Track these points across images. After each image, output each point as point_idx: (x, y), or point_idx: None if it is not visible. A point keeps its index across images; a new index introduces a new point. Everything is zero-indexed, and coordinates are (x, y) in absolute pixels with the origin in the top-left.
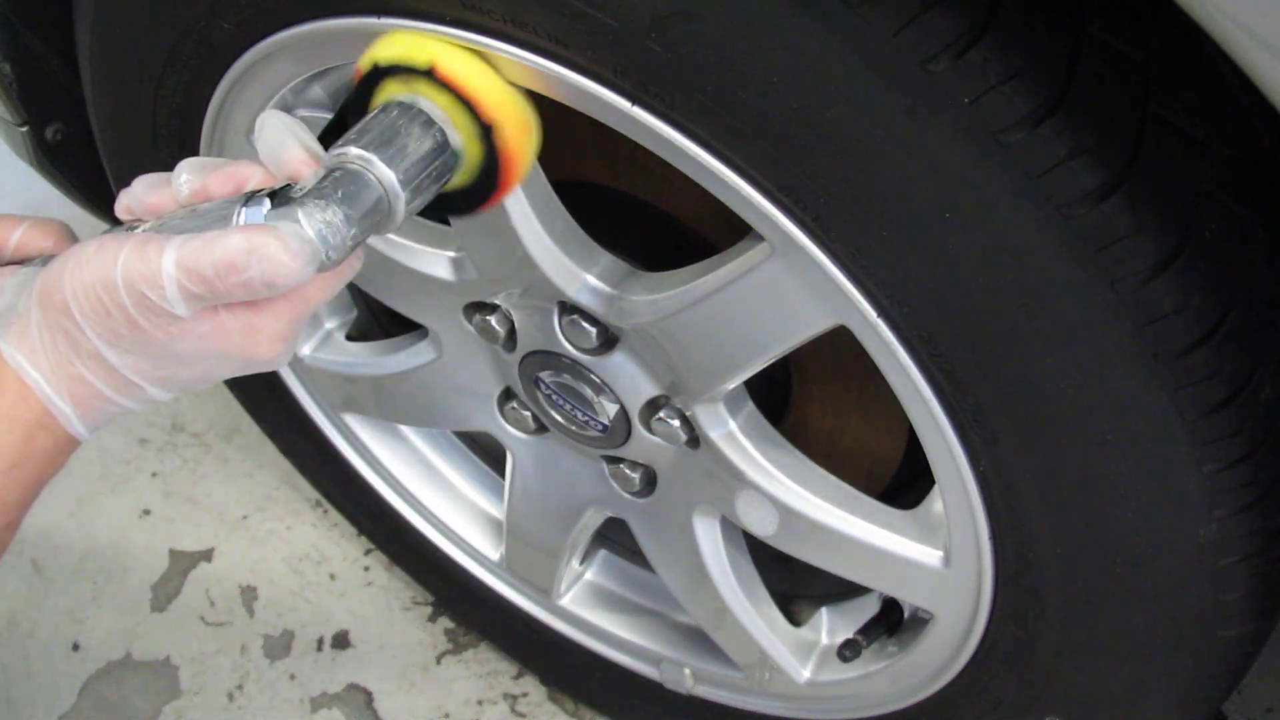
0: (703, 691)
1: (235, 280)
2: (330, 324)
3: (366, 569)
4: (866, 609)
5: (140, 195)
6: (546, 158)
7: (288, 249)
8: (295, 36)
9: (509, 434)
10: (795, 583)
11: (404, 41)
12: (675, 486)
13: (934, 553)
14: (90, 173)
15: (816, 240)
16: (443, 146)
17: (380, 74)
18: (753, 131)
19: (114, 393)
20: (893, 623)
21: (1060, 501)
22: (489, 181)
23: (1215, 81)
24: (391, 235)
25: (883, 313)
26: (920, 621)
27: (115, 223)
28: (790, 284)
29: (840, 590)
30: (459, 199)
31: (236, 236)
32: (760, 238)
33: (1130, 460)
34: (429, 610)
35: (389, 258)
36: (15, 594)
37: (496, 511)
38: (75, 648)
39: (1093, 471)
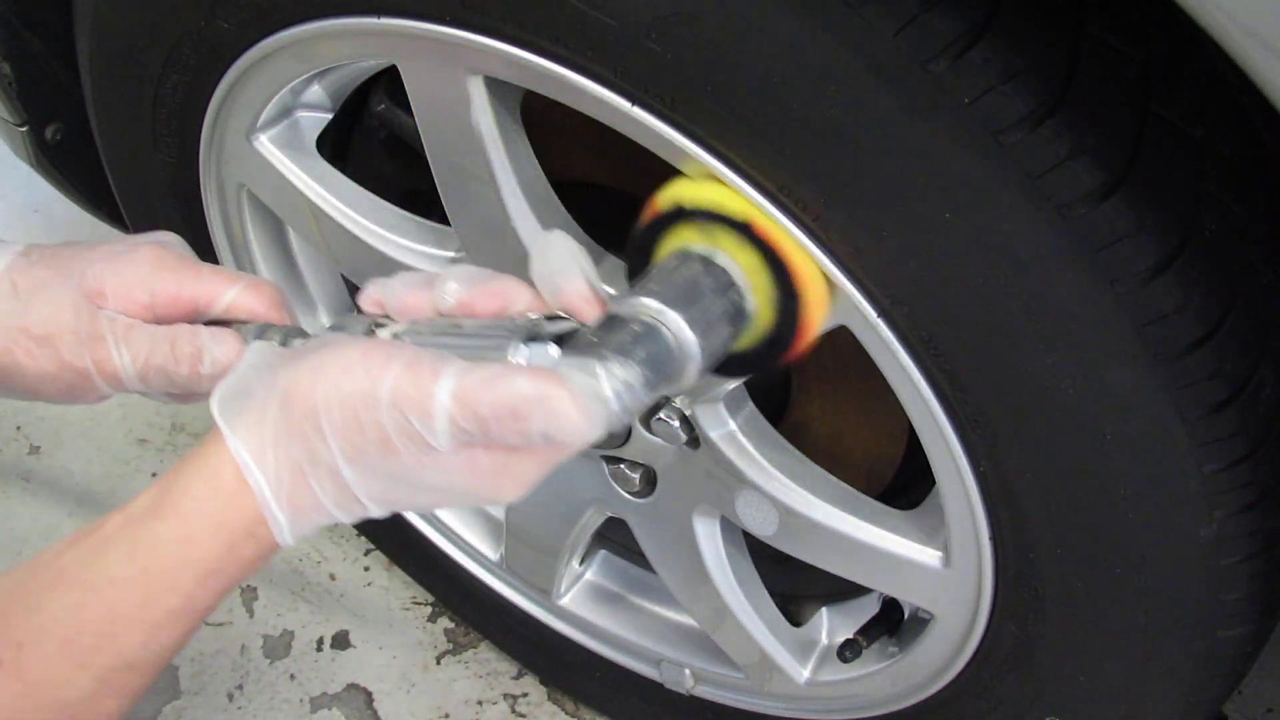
0: (703, 691)
1: (513, 427)
2: (330, 324)
3: (366, 569)
4: (867, 609)
5: (398, 292)
6: (547, 157)
7: (579, 407)
8: (295, 36)
9: None
10: (795, 583)
11: (720, 192)
12: (675, 487)
13: (934, 553)
14: (90, 173)
15: (816, 240)
16: (739, 312)
17: (676, 215)
18: (753, 132)
19: (335, 508)
20: (893, 623)
21: (1060, 501)
22: (769, 349)
23: (1215, 81)
24: (390, 234)
25: (883, 313)
26: (920, 622)
27: (118, 224)
28: None
29: (840, 590)
30: (729, 361)
31: (524, 381)
32: None
33: (1130, 460)
34: (429, 610)
35: (389, 258)
36: None
37: (496, 511)
38: None
39: (1093, 472)
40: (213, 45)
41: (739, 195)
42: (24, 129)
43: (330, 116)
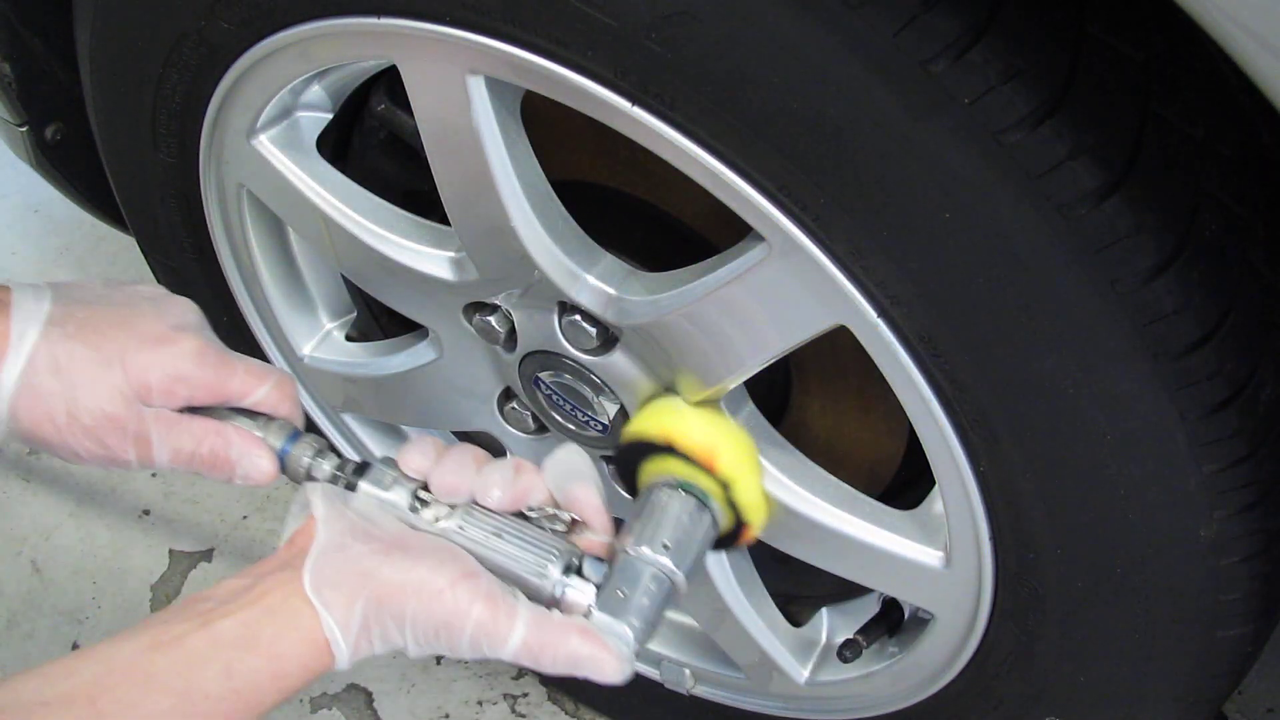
0: (703, 691)
1: (566, 670)
2: (330, 324)
3: None
4: (867, 609)
5: (445, 475)
6: (547, 157)
7: (619, 667)
8: (295, 36)
9: (509, 434)
10: (795, 583)
11: (692, 435)
12: None
13: (934, 553)
14: (90, 173)
15: (816, 240)
16: (710, 537)
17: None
18: (753, 132)
19: (385, 652)
20: (893, 623)
21: (1060, 501)
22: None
23: (1215, 81)
24: (390, 234)
25: (883, 313)
26: (920, 622)
27: (118, 224)
28: (790, 284)
29: (840, 590)
30: None
31: (580, 643)
32: (760, 238)
33: (1130, 460)
34: None
35: (389, 258)
36: (15, 594)
37: None
38: (75, 648)
39: (1093, 471)
40: (213, 45)
41: (701, 432)
42: (24, 129)
43: (330, 116)
